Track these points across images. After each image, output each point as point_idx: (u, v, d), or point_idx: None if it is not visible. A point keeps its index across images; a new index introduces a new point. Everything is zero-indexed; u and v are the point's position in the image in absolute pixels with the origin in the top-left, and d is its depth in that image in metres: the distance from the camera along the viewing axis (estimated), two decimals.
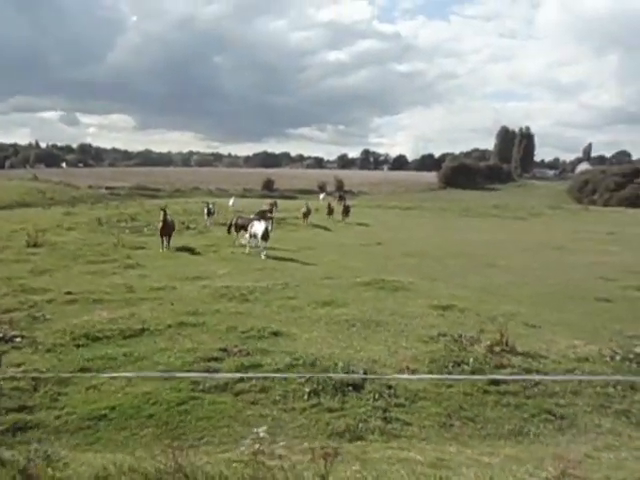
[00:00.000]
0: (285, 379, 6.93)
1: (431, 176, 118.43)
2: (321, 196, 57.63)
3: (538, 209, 63.25)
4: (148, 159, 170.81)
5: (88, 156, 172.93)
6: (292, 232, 30.30)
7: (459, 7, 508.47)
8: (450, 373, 7.81)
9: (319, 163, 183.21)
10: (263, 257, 20.11)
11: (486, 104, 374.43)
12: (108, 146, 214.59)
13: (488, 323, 11.58)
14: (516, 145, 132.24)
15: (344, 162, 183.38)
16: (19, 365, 7.30)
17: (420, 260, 21.40)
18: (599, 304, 14.66)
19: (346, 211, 37.29)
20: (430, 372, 7.73)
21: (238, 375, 6.79)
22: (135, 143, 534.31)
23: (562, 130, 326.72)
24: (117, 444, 5.20)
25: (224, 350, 8.33)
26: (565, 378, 7.76)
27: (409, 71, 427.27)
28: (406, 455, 4.85)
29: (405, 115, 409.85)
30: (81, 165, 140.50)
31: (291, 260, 19.98)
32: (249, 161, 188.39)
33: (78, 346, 8.62)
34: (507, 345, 9.00)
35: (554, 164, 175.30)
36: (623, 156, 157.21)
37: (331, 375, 6.86)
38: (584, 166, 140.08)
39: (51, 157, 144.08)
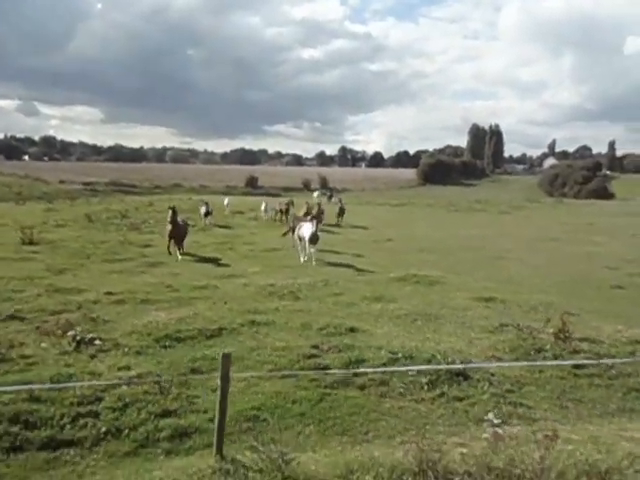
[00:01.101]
0: (392, 373, 7.09)
1: (409, 173, 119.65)
2: (315, 194, 56.98)
3: (518, 203, 64.68)
4: (120, 154, 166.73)
5: (53, 150, 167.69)
6: None
7: (427, 9, 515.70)
8: (535, 360, 8.08)
9: (298, 160, 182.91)
10: (313, 263, 18.12)
11: (455, 103, 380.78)
12: (72, 139, 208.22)
13: (532, 313, 12.00)
14: (487, 142, 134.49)
15: (323, 159, 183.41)
16: (127, 368, 7.26)
17: (435, 255, 21.69)
18: (615, 291, 15.25)
19: (342, 213, 33.85)
20: (517, 359, 8.00)
21: (380, 370, 6.91)
22: (103, 137, 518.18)
23: (526, 127, 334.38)
24: (293, 444, 5.22)
25: (316, 347, 8.41)
26: None
27: (381, 70, 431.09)
28: (565, 436, 5.05)
29: (379, 113, 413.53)
30: (46, 159, 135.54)
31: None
32: (226, 158, 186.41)
33: (165, 347, 8.53)
34: (568, 332, 9.33)
35: (522, 159, 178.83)
36: (585, 150, 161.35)
37: (450, 367, 7.05)
38: (551, 161, 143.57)
39: (10, 149, 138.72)
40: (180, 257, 19.10)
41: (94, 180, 78.24)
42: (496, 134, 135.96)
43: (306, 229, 18.74)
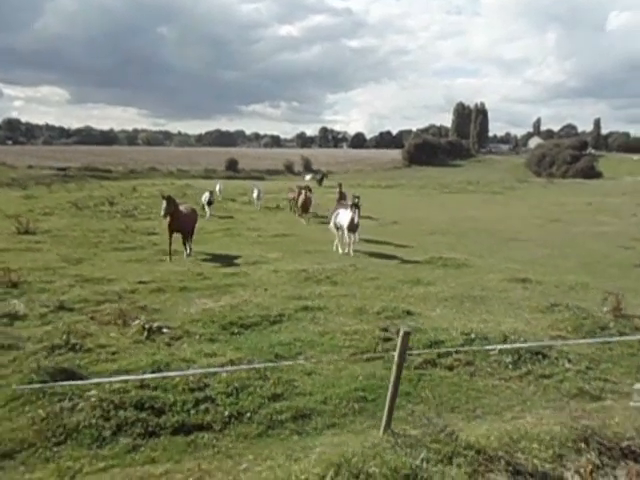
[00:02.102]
0: (474, 353, 7.52)
1: (393, 153, 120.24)
2: (307, 177, 56.96)
3: (509, 183, 65.78)
4: (89, 137, 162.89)
5: (17, 133, 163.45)
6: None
7: None
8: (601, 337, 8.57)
9: (277, 142, 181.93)
10: (351, 254, 17.16)
11: (437, 80, 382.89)
12: (39, 121, 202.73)
13: (573, 292, 12.56)
14: (472, 121, 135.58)
15: (303, 140, 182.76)
16: (213, 355, 7.47)
17: (447, 237, 22.25)
18: (638, 270, 15.94)
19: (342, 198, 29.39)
20: (583, 337, 8.48)
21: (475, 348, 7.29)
22: (71, 119, 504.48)
23: (509, 105, 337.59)
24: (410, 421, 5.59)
25: (385, 330, 8.78)
26: None
27: (361, 47, 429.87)
28: None
29: (359, 92, 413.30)
30: (10, 142, 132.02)
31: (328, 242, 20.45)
32: (202, 140, 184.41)
33: (233, 334, 8.76)
34: (621, 310, 9.87)
35: (506, 138, 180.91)
36: (570, 129, 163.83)
37: (531, 345, 7.49)
38: (536, 140, 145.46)
39: None
40: (188, 256, 17.13)
41: (65, 165, 76.77)
42: (482, 113, 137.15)
43: (344, 216, 17.58)
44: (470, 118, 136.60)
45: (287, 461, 4.29)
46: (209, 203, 28.58)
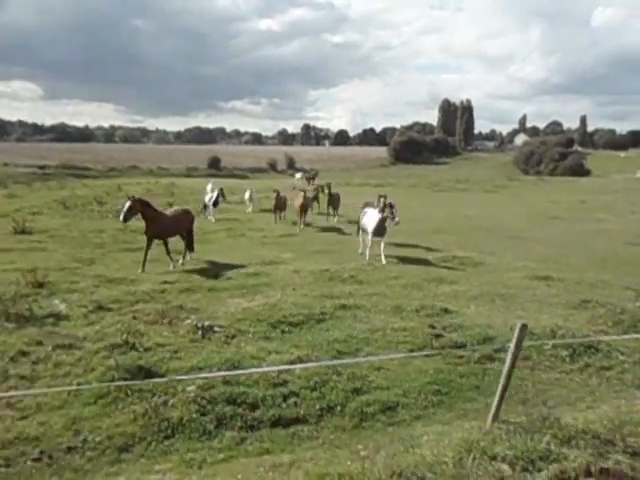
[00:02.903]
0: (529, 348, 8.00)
1: (378, 151, 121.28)
2: (297, 175, 57.09)
3: (500, 181, 67.00)
4: (65, 134, 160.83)
5: None
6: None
7: None
8: None
9: (258, 139, 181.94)
10: (383, 261, 15.91)
11: (420, 76, 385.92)
12: (11, 118, 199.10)
13: (598, 289, 13.13)
14: (458, 118, 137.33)
15: (284, 137, 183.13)
16: (278, 352, 7.83)
17: (453, 236, 22.78)
18: None
19: (334, 203, 27.26)
20: (625, 332, 9.03)
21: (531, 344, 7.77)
22: (44, 115, 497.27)
23: (493, 102, 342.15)
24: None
25: (432, 327, 9.25)
26: None
27: (344, 42, 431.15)
28: None
29: (341, 88, 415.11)
30: None
31: (338, 242, 20.90)
32: (181, 137, 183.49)
33: (284, 332, 9.14)
34: None
35: (491, 136, 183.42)
36: (555, 126, 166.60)
37: (584, 340, 8.02)
38: (522, 137, 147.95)
39: None
40: (181, 264, 15.73)
41: (42, 163, 75.97)
42: (467, 110, 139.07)
43: (370, 218, 16.61)
44: (456, 115, 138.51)
45: (407, 449, 4.66)
46: (215, 204, 26.94)
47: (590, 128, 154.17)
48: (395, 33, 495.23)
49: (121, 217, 14.26)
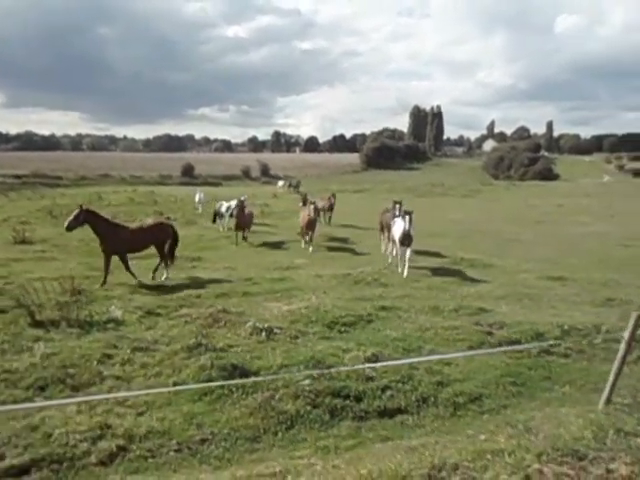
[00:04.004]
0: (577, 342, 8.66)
1: (350, 157, 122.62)
2: (280, 183, 57.36)
3: (473, 186, 68.71)
4: (31, 143, 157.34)
5: None
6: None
7: None
8: None
9: (228, 146, 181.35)
10: (405, 273, 15.37)
11: (389, 83, 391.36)
12: None
13: (613, 288, 13.91)
14: (429, 124, 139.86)
15: (255, 145, 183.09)
16: (348, 351, 8.26)
17: (449, 239, 23.51)
18: None
19: (330, 208, 29.20)
20: None
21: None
22: (8, 123, 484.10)
23: (460, 108, 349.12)
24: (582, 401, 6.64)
25: (479, 325, 9.84)
26: None
27: (312, 49, 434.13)
28: None
29: (310, 95, 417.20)
30: None
31: (341, 249, 21.46)
32: (150, 145, 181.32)
33: (341, 332, 9.53)
34: None
35: (460, 141, 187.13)
36: (523, 131, 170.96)
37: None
38: (491, 143, 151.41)
39: None
40: (153, 275, 14.76)
41: (10, 172, 74.39)
42: (437, 116, 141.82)
43: (397, 228, 16.22)
44: (426, 121, 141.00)
45: (525, 430, 5.18)
46: (232, 215, 25.27)
47: (555, 133, 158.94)
48: (363, 40, 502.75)
49: (65, 224, 13.61)
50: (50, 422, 5.95)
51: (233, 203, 25.68)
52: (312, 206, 20.70)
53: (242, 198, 25.19)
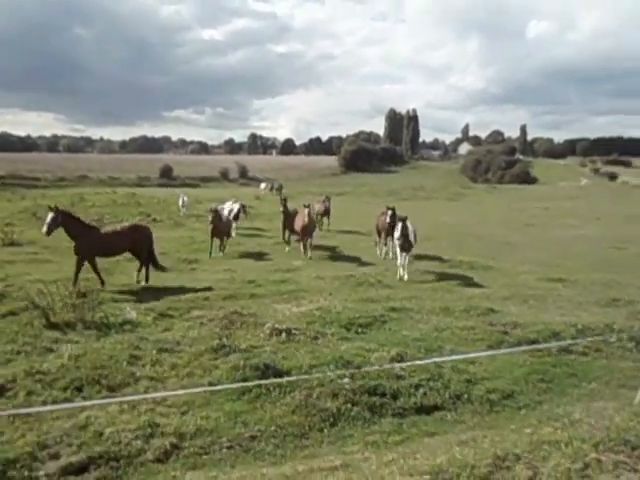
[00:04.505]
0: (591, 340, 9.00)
1: (328, 160, 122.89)
2: (262, 185, 57.17)
3: (455, 189, 69.59)
4: (7, 143, 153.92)
5: None
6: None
7: None
8: None
9: (205, 148, 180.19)
10: (405, 277, 15.39)
11: (363, 86, 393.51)
12: None
13: (615, 289, 14.26)
14: (405, 127, 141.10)
15: (231, 147, 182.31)
16: (370, 351, 8.45)
17: (443, 242, 23.81)
18: None
19: (327, 213, 28.46)
20: None
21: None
22: None
23: (434, 112, 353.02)
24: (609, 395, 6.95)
25: (493, 325, 10.12)
26: None
27: (287, 52, 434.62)
28: None
29: (286, 97, 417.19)
30: None
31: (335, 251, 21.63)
32: (126, 146, 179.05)
33: (357, 332, 9.73)
34: None
35: (435, 144, 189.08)
36: (497, 135, 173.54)
37: None
38: (466, 146, 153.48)
39: None
40: (138, 279, 14.47)
41: None
42: (413, 119, 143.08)
43: (396, 232, 16.06)
44: (402, 124, 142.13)
45: (570, 424, 5.42)
46: (235, 218, 25.44)
47: (529, 137, 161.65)
48: (338, 43, 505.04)
49: (44, 229, 13.13)
50: (96, 421, 6.03)
51: (235, 206, 25.63)
52: (307, 210, 19.24)
53: (241, 203, 26.35)
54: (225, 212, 25.43)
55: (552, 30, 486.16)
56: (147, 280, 14.38)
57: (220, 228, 19.61)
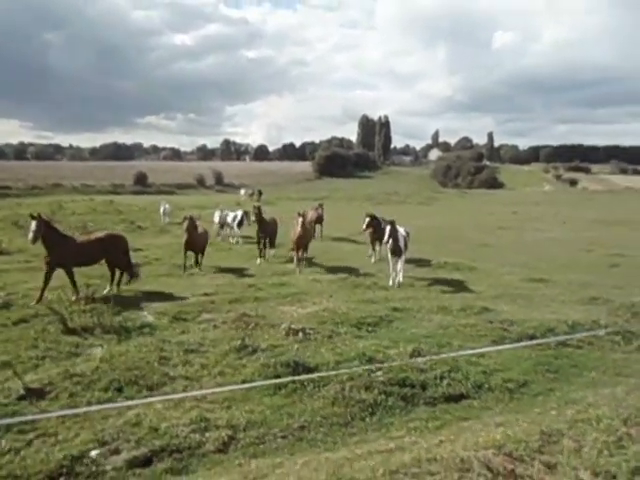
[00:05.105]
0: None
1: (302, 165, 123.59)
2: (242, 191, 57.17)
3: (428, 194, 70.86)
4: None
5: None
6: None
7: None
8: None
9: (177, 154, 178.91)
10: (397, 283, 15.22)
11: (335, 92, 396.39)
12: None
13: (590, 288, 15.00)
14: (377, 133, 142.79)
15: (204, 153, 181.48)
16: (388, 347, 8.85)
17: (424, 245, 24.14)
18: (616, 269, 18.97)
19: (319, 220, 26.81)
20: None
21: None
22: None
23: (404, 118, 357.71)
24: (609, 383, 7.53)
25: (491, 322, 10.66)
26: None
27: (259, 57, 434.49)
28: None
29: (258, 103, 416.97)
30: None
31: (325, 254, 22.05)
32: (97, 153, 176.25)
33: (368, 331, 10.17)
34: None
35: (406, 150, 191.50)
36: (466, 142, 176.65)
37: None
38: (436, 152, 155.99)
39: None
40: (110, 289, 13.82)
41: None
42: (385, 125, 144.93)
43: (385, 236, 15.42)
44: (374, 130, 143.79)
45: (589, 405, 5.94)
46: (239, 225, 24.98)
47: (495, 144, 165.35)
48: (310, 49, 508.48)
49: (30, 237, 12.65)
50: (146, 418, 6.30)
51: (239, 213, 24.99)
52: (301, 219, 17.55)
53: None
54: (229, 219, 25.32)
55: (517, 41, 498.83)
56: (118, 285, 14.01)
57: (195, 239, 17.27)
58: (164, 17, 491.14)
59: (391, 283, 15.25)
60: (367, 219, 18.32)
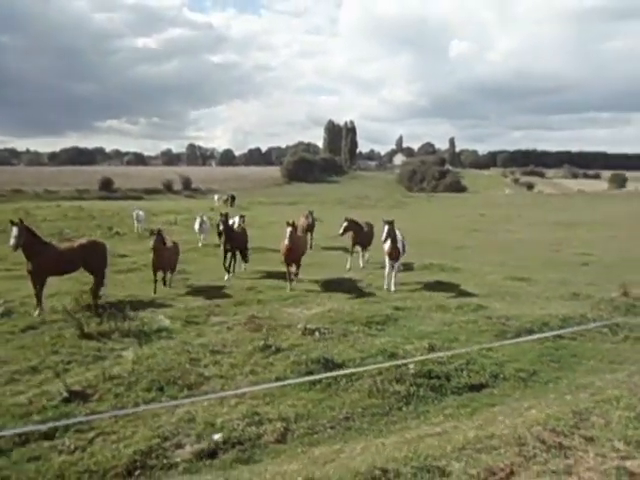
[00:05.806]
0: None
1: (270, 170, 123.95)
2: (215, 197, 56.86)
3: (397, 198, 72.05)
4: None
5: None
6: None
7: (268, 2, 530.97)
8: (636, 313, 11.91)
9: (141, 159, 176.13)
10: (392, 288, 15.08)
11: (299, 97, 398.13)
12: None
13: (567, 286, 15.91)
14: (344, 138, 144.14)
15: (169, 157, 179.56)
16: (403, 344, 9.41)
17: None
18: (586, 267, 20.09)
19: (311, 228, 24.76)
20: (625, 314, 11.72)
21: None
22: None
23: (368, 123, 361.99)
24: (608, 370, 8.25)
25: (490, 318, 11.35)
26: None
27: (223, 62, 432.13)
28: None
29: (223, 108, 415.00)
30: None
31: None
32: (56, 158, 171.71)
33: (378, 330, 10.64)
34: (628, 294, 13.43)
35: (371, 155, 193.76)
36: (429, 147, 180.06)
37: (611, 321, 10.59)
38: (400, 157, 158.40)
39: None
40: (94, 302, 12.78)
41: None
42: (351, 131, 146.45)
43: (382, 236, 15.48)
44: (340, 135, 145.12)
45: (600, 389, 6.60)
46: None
47: (457, 149, 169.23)
48: (274, 55, 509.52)
49: (12, 242, 12.14)
50: (198, 415, 6.66)
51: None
52: (290, 230, 15.06)
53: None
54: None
55: (472, 49, 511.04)
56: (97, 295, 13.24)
57: (163, 256, 15.34)
58: (127, 20, 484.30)
59: (386, 286, 15.39)
60: (345, 223, 18.40)
